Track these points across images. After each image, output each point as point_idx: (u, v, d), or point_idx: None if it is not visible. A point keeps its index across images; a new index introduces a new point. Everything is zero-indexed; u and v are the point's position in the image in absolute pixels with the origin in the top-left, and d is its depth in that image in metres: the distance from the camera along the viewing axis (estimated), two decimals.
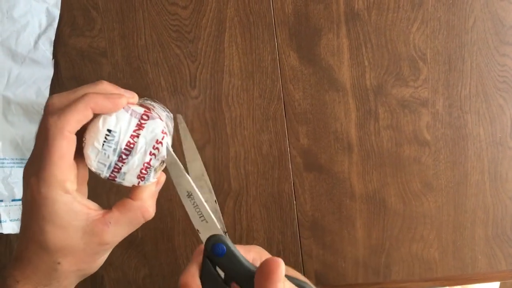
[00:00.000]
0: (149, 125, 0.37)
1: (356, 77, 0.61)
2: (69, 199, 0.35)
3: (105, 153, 0.36)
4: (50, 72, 0.63)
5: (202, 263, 0.39)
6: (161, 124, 0.38)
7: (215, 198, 0.42)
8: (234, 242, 0.39)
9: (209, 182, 0.43)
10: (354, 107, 0.62)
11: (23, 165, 0.62)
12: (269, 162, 0.64)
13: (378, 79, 0.61)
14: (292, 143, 0.64)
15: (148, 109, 0.39)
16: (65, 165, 0.35)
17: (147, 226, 0.65)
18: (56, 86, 0.64)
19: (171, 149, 0.39)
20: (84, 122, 0.36)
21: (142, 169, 0.37)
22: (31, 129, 0.63)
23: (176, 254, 0.66)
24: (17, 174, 0.63)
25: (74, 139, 0.35)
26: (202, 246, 0.39)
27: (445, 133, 0.62)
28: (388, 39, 0.60)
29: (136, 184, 0.38)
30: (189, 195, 0.39)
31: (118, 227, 0.37)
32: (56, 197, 0.34)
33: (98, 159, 0.36)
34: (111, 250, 0.40)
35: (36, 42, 0.62)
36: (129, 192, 0.39)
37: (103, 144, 0.36)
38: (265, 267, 0.34)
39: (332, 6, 0.60)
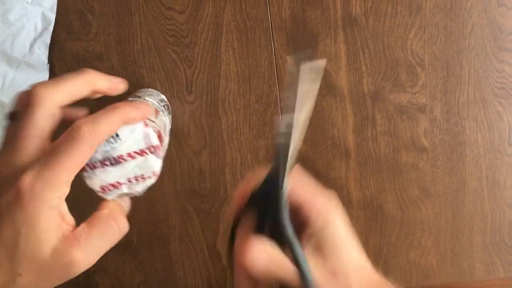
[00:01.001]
0: (149, 159, 0.36)
1: (354, 82, 0.61)
2: (57, 205, 0.32)
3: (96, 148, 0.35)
4: (46, 76, 0.62)
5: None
6: (157, 166, 0.37)
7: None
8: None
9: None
10: (351, 113, 0.62)
11: None
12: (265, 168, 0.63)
13: (375, 84, 0.61)
14: None
15: (160, 136, 0.38)
16: (75, 169, 0.32)
17: (142, 231, 0.65)
18: None
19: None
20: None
21: (112, 184, 0.36)
22: None
23: (172, 260, 0.66)
24: None
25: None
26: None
27: (443, 139, 0.61)
28: (385, 45, 0.60)
29: (95, 189, 0.36)
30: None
31: (91, 243, 0.33)
32: (48, 200, 0.31)
33: None
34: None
35: (31, 46, 0.61)
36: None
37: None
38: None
39: (329, 12, 0.60)
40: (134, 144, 0.36)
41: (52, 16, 0.61)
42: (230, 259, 0.36)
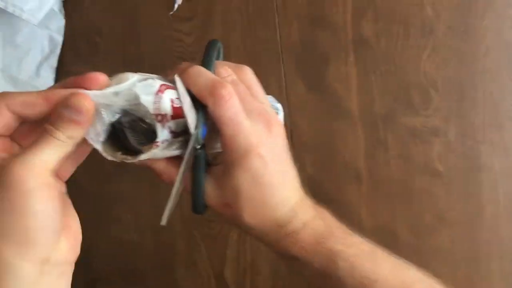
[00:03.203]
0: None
1: (365, 105, 0.60)
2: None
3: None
4: None
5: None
6: (161, 136, 0.35)
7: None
8: (237, 277, 0.36)
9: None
10: (362, 136, 0.60)
11: None
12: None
13: (387, 107, 0.59)
14: (299, 172, 0.61)
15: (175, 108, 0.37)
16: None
17: (148, 259, 0.63)
18: None
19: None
20: None
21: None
22: None
23: (178, 286, 0.64)
24: None
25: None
26: None
27: (458, 164, 0.59)
28: (397, 67, 0.58)
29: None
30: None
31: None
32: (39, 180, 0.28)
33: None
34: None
35: (38, 69, 0.61)
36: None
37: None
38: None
39: (339, 33, 0.59)
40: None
41: (59, 39, 0.61)
42: None
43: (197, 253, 0.63)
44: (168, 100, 0.35)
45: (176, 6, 0.60)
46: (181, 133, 0.36)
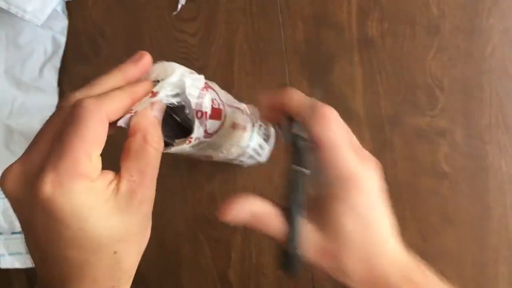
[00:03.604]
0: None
1: (371, 105, 0.59)
2: (90, 187, 0.29)
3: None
4: (55, 100, 0.61)
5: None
6: (197, 133, 0.35)
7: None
8: (242, 280, 0.36)
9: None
10: (368, 137, 0.59)
11: None
12: (279, 194, 0.61)
13: (393, 108, 0.59)
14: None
15: (215, 109, 0.37)
16: (93, 148, 0.29)
17: (152, 262, 0.62)
18: None
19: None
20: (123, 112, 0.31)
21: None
22: None
23: None
24: None
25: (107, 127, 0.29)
26: None
27: (465, 165, 0.59)
28: (403, 67, 0.58)
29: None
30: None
31: (138, 171, 0.30)
32: (78, 192, 0.28)
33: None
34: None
35: (41, 70, 0.61)
36: None
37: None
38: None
39: (345, 33, 0.58)
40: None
41: (63, 40, 0.61)
42: None
43: (201, 256, 0.63)
44: (209, 99, 0.35)
45: (179, 6, 0.60)
46: (210, 135, 0.36)
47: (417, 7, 0.57)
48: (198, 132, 0.35)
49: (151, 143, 0.31)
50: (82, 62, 0.62)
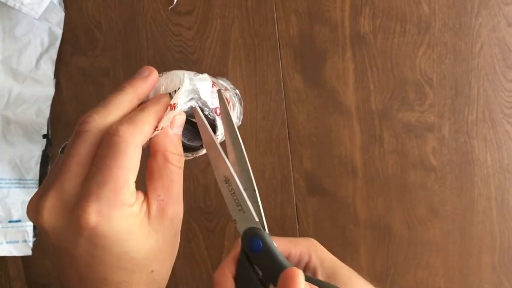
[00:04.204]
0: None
1: (361, 100, 0.60)
2: (131, 216, 0.30)
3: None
4: (51, 91, 0.62)
5: (238, 259, 0.34)
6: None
7: (255, 187, 0.35)
8: None
9: (249, 167, 0.36)
10: (359, 131, 0.61)
11: (21, 185, 0.61)
12: (271, 186, 0.63)
13: (383, 103, 0.60)
14: (296, 166, 0.63)
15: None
16: (130, 175, 0.30)
17: None
18: (57, 105, 0.63)
19: (207, 125, 0.34)
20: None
21: None
22: (31, 149, 0.62)
23: (176, 279, 0.65)
24: (15, 194, 0.62)
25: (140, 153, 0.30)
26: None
27: (452, 159, 0.61)
28: (394, 63, 0.59)
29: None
30: (227, 180, 0.34)
31: (163, 189, 0.32)
32: (120, 221, 0.29)
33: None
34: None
35: (38, 61, 0.61)
36: None
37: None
38: (282, 279, 0.30)
39: (337, 29, 0.60)
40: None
41: (59, 32, 0.61)
42: None
43: (195, 245, 0.64)
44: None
45: (175, 0, 0.60)
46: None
47: (408, 4, 0.58)
48: (221, 128, 0.36)
49: (172, 162, 0.32)
50: (78, 54, 0.62)
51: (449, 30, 0.58)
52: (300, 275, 0.29)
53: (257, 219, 0.34)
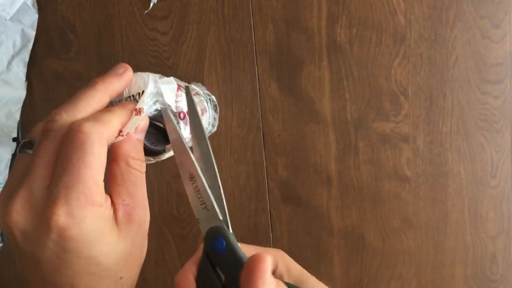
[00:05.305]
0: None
1: (337, 109, 0.60)
2: (99, 215, 0.29)
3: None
4: (23, 94, 0.61)
5: (200, 261, 0.32)
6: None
7: (220, 183, 0.34)
8: None
9: (215, 165, 0.35)
10: (334, 140, 0.61)
11: None
12: (246, 194, 0.62)
13: (359, 112, 0.60)
14: (270, 174, 0.62)
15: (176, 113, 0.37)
16: (98, 173, 0.28)
17: None
18: (28, 108, 0.62)
19: (175, 123, 0.33)
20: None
21: None
22: (0, 152, 0.61)
23: (146, 285, 0.64)
24: None
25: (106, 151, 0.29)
26: None
27: (426, 170, 0.61)
28: (369, 73, 0.59)
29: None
30: (191, 177, 0.33)
31: (128, 194, 0.31)
32: (90, 220, 0.28)
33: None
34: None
35: (9, 63, 0.60)
36: None
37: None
38: (248, 262, 0.29)
39: (314, 38, 0.59)
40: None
41: (32, 34, 0.60)
42: None
43: (167, 251, 0.63)
44: (185, 98, 0.35)
45: (151, 4, 0.60)
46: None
47: (385, 14, 0.58)
48: (185, 132, 0.35)
49: (134, 167, 0.31)
50: (52, 57, 0.61)
51: (424, 42, 0.58)
52: (268, 259, 0.28)
53: (221, 217, 0.33)
